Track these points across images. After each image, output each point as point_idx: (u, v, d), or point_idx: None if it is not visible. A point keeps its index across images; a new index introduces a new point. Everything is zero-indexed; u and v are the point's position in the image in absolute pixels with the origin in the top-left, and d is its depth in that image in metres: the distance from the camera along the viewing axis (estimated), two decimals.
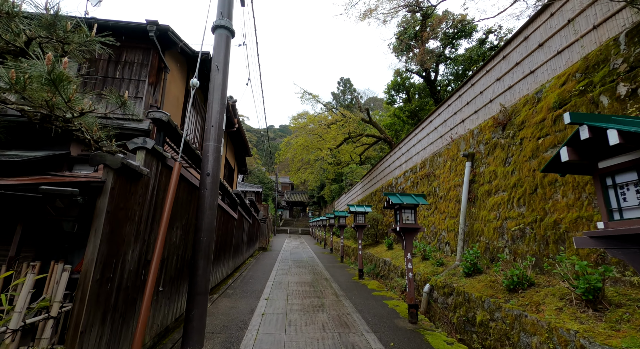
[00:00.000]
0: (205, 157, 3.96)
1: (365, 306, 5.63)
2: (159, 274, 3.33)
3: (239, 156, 13.92)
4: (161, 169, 3.19)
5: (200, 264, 3.64)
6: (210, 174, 3.91)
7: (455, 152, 7.38)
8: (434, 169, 8.52)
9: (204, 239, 3.71)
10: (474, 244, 5.81)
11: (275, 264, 11.01)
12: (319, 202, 40.41)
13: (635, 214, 1.61)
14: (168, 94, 5.86)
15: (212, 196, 3.87)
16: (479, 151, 6.26)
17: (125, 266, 2.56)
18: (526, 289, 3.74)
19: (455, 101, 8.04)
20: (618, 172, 1.68)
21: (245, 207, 9.93)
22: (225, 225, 6.80)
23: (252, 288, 6.76)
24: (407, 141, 11.53)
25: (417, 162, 10.09)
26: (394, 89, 17.07)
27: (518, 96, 5.54)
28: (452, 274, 5.33)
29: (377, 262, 9.48)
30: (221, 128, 4.14)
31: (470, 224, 6.11)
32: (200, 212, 3.77)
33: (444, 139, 8.46)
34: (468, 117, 7.28)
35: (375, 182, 15.63)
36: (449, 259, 6.45)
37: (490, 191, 5.62)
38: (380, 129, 15.19)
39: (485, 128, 6.18)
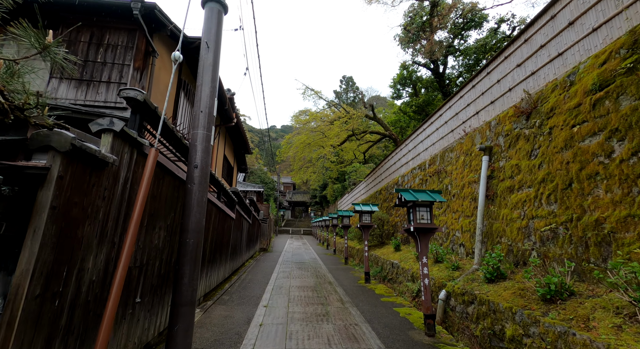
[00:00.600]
0: (192, 146, 3.44)
1: (374, 314, 5.10)
2: (137, 283, 2.82)
3: (238, 154, 13.43)
4: (137, 159, 2.68)
5: (186, 271, 3.13)
6: (198, 166, 3.39)
7: (469, 147, 6.84)
8: (445, 166, 7.98)
9: (191, 241, 3.20)
10: (494, 246, 5.27)
11: (276, 266, 10.50)
12: (321, 203, 39.90)
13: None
14: (158, 82, 5.36)
15: (200, 192, 3.36)
16: (498, 143, 5.72)
17: (85, 276, 2.05)
18: (566, 300, 3.20)
19: (468, 92, 7.51)
20: None
21: (244, 207, 9.43)
22: (220, 225, 6.30)
23: (250, 293, 6.25)
24: (414, 137, 10.99)
25: (426, 158, 9.55)
26: (399, 83, 16.45)
27: (543, 81, 5.00)
28: (471, 280, 4.79)
29: (383, 264, 8.95)
30: (212, 114, 3.62)
31: (489, 224, 5.57)
32: (186, 210, 3.26)
33: (455, 133, 7.92)
34: (483, 109, 6.74)
35: (379, 181, 15.09)
36: (464, 262, 5.91)
37: (512, 187, 5.08)
38: (385, 126, 14.64)
39: (505, 119, 5.64)
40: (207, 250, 5.34)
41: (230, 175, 12.73)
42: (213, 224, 5.64)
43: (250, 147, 13.01)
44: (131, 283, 2.71)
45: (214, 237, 5.77)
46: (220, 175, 10.78)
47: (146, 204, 2.91)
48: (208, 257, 5.47)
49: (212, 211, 5.44)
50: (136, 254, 2.76)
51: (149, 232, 3.02)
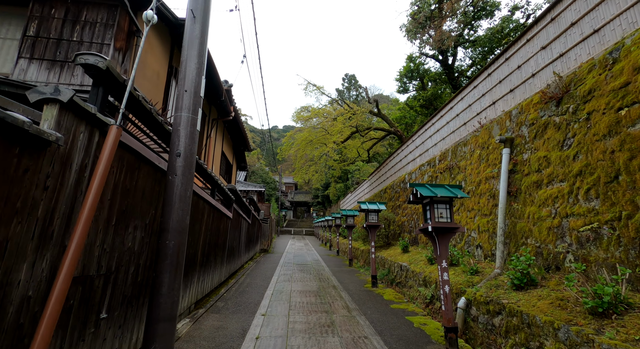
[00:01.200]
0: (175, 131, 2.93)
1: (385, 324, 4.56)
2: (102, 295, 2.30)
3: (237, 151, 12.93)
4: (100, 141, 2.16)
5: (165, 278, 2.61)
6: (181, 154, 2.88)
7: (486, 139, 6.29)
8: (457, 161, 7.43)
9: (171, 243, 2.68)
10: (520, 247, 4.72)
11: (276, 268, 9.97)
12: (324, 202, 39.36)
13: None
14: (145, 68, 4.85)
15: (184, 184, 2.84)
16: (521, 134, 5.17)
17: (12, 293, 1.53)
18: (622, 315, 2.66)
19: (482, 82, 6.96)
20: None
21: (242, 206, 8.91)
22: (215, 225, 5.78)
23: (247, 299, 5.72)
24: (422, 132, 10.44)
25: (436, 154, 9.00)
26: (406, 76, 15.79)
27: (574, 63, 4.45)
28: (494, 286, 4.24)
29: (391, 267, 8.41)
30: (198, 95, 3.10)
31: (511, 223, 5.01)
32: (167, 206, 2.74)
33: (469, 126, 7.37)
34: (501, 98, 6.19)
35: (384, 179, 14.54)
36: (483, 265, 5.36)
37: (539, 181, 4.53)
38: (390, 122, 14.06)
39: (529, 107, 5.09)
40: (199, 252, 4.83)
41: (229, 173, 12.23)
42: (206, 224, 5.12)
43: (249, 144, 12.50)
44: (93, 295, 2.19)
45: (207, 238, 5.26)
46: (218, 172, 10.28)
47: (115, 198, 2.39)
48: (200, 261, 4.95)
49: (204, 209, 4.93)
50: (100, 259, 2.24)
51: (119, 233, 2.50)
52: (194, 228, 4.47)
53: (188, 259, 4.32)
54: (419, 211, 9.44)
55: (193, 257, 4.55)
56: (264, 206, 17.79)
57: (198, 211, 4.61)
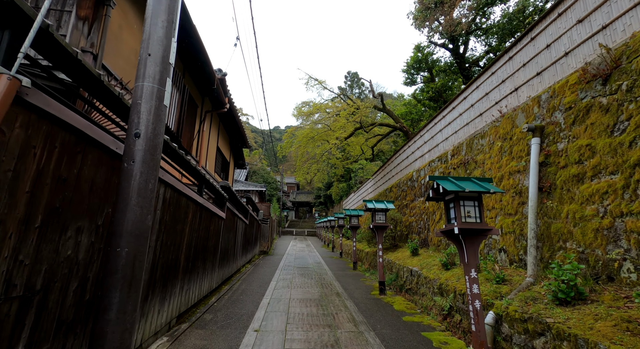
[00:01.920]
0: (134, 106, 2.27)
1: (399, 343, 3.88)
2: (16, 324, 1.64)
3: (234, 147, 12.28)
4: None
5: (114, 299, 1.95)
6: (141, 134, 2.21)
7: (508, 129, 5.60)
8: (473, 155, 6.74)
9: (124, 251, 2.02)
10: (555, 252, 4.03)
11: (276, 272, 9.31)
12: (326, 203, 38.70)
13: None
14: (119, 44, 4.20)
15: (145, 174, 2.18)
16: (554, 121, 4.48)
17: None
18: None
19: (502, 67, 6.27)
20: None
21: (238, 205, 8.26)
22: (204, 226, 5.13)
23: (240, 310, 5.06)
24: (431, 127, 9.76)
25: (447, 149, 8.31)
26: (413, 67, 14.96)
27: (623, 35, 3.76)
28: (530, 299, 3.56)
29: (399, 271, 7.72)
30: (167, 62, 2.44)
31: (543, 223, 4.33)
32: (119, 203, 2.08)
33: (486, 117, 6.69)
34: (525, 83, 5.50)
35: (390, 177, 13.86)
36: (510, 272, 4.67)
37: (581, 174, 3.83)
38: (395, 118, 13.34)
39: (564, 89, 4.39)
40: (181, 257, 4.17)
41: (225, 170, 11.58)
42: (191, 225, 4.46)
43: (247, 140, 11.84)
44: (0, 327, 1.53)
45: (193, 240, 4.60)
46: (213, 169, 9.63)
47: (39, 191, 1.74)
48: (184, 267, 4.30)
49: (188, 208, 4.27)
50: (11, 276, 1.59)
51: (50, 238, 1.84)
52: (174, 229, 3.81)
53: (167, 266, 3.67)
54: (429, 211, 8.76)
55: (173, 263, 3.89)
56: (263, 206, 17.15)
57: (180, 210, 3.96)
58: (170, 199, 3.64)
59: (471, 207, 3.23)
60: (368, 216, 14.47)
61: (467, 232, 3.16)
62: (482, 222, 3.17)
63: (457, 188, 3.12)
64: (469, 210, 3.22)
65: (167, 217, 3.58)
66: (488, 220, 5.77)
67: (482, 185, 3.22)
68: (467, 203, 3.23)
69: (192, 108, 7.46)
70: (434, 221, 8.33)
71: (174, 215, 3.78)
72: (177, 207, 3.85)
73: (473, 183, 3.29)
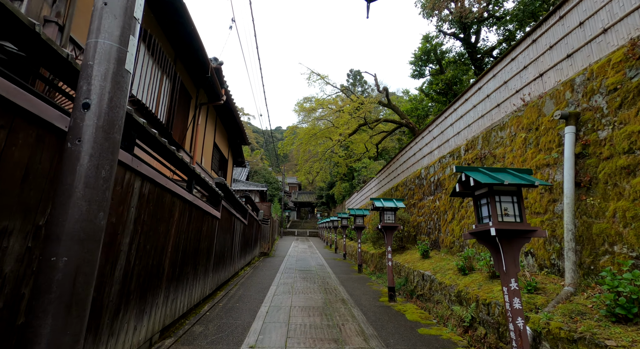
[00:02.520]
0: (84, 69, 1.73)
1: None
2: None
3: (233, 144, 11.75)
4: None
5: (44, 329, 1.41)
6: (93, 106, 1.67)
7: (533, 119, 5.04)
8: (491, 149, 6.17)
9: (62, 262, 1.48)
10: (599, 257, 3.46)
11: (276, 275, 8.77)
12: (328, 203, 38.14)
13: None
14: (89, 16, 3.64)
15: (97, 158, 1.64)
16: (593, 106, 3.91)
17: None
18: None
19: (524, 52, 5.72)
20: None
21: (236, 204, 7.72)
22: (194, 227, 4.59)
23: (235, 321, 4.52)
24: (440, 121, 9.20)
25: (460, 143, 7.75)
26: (421, 58, 14.24)
27: None
28: (576, 313, 2.99)
29: (408, 275, 7.17)
30: (130, 14, 1.90)
31: (582, 224, 3.76)
32: (60, 196, 1.55)
33: (505, 107, 6.13)
34: (553, 67, 4.94)
35: (395, 176, 13.30)
36: (540, 278, 4.10)
37: (632, 166, 3.27)
38: (401, 113, 12.76)
39: (605, 69, 3.83)
40: (166, 263, 3.63)
41: (223, 168, 11.05)
42: (178, 226, 3.93)
43: (247, 136, 11.31)
44: None
45: (180, 243, 4.06)
46: (210, 167, 9.11)
47: None
48: (169, 274, 3.76)
49: (174, 206, 3.74)
50: None
51: None
52: (155, 230, 3.28)
53: (146, 274, 3.14)
54: (439, 210, 8.20)
55: (155, 270, 3.36)
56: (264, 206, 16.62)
57: (163, 208, 3.42)
58: (150, 195, 3.10)
59: (509, 203, 2.67)
60: (372, 216, 13.91)
61: (506, 234, 2.60)
62: (523, 222, 2.61)
63: (493, 180, 2.56)
64: (506, 207, 2.66)
65: (146, 216, 3.04)
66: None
67: (522, 177, 2.67)
68: (504, 199, 2.67)
69: (185, 99, 6.93)
70: (446, 221, 7.77)
71: (155, 214, 3.24)
72: (159, 204, 3.32)
73: (510, 175, 2.73)
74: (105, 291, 2.43)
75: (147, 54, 4.92)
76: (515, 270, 2.56)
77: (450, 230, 7.40)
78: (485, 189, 2.75)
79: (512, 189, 2.69)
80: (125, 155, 2.56)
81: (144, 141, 3.06)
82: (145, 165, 2.92)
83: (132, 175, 2.71)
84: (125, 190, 2.62)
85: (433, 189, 8.83)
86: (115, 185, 2.47)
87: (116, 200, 2.49)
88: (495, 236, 2.57)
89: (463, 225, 6.78)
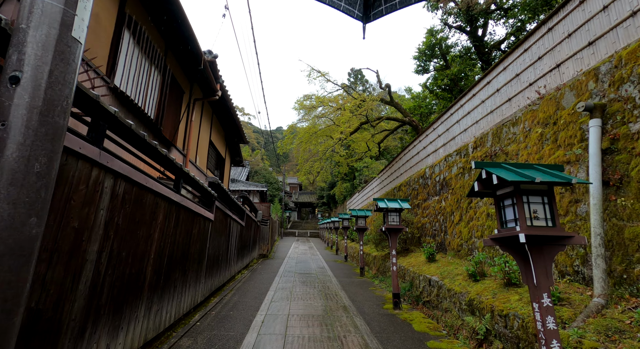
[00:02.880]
0: (16, 34, 1.36)
1: None
2: None
3: (230, 142, 11.39)
4: None
5: None
6: (23, 80, 1.30)
7: (551, 113, 4.66)
8: (502, 146, 5.79)
9: None
10: (633, 264, 3.08)
11: (274, 279, 8.40)
12: (329, 203, 37.76)
13: None
14: None
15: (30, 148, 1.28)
16: (623, 96, 3.53)
17: None
18: None
19: (538, 41, 5.35)
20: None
21: (232, 205, 7.36)
22: (184, 229, 4.23)
23: (227, 332, 4.15)
24: (446, 118, 8.83)
25: (467, 141, 7.37)
26: (426, 53, 13.75)
27: None
28: (613, 331, 2.61)
29: (414, 279, 6.79)
30: None
31: (611, 227, 3.38)
32: None
33: (517, 102, 5.76)
34: (572, 56, 4.57)
35: (398, 175, 12.93)
36: (562, 287, 3.72)
37: None
38: (404, 111, 12.39)
39: (637, 54, 3.45)
40: (148, 271, 3.27)
41: (220, 168, 10.69)
42: (163, 229, 3.56)
43: (244, 134, 10.94)
44: None
45: (166, 248, 3.70)
46: (205, 166, 8.74)
47: None
48: (152, 282, 3.40)
49: (158, 207, 3.37)
50: None
51: None
52: (134, 235, 2.91)
53: (122, 284, 2.77)
54: (445, 211, 7.82)
55: (134, 278, 2.99)
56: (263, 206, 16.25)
57: (143, 210, 3.05)
58: (126, 195, 2.74)
59: (538, 204, 2.30)
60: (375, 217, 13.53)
61: (537, 241, 2.22)
62: (556, 227, 2.23)
63: (521, 178, 2.18)
64: (535, 209, 2.28)
65: (121, 219, 2.67)
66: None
67: (554, 174, 2.29)
68: (532, 199, 2.29)
69: (177, 93, 6.56)
70: (452, 223, 7.38)
71: (133, 216, 2.87)
72: (138, 206, 2.95)
73: (539, 171, 2.35)
74: (65, 309, 2.07)
75: (132, 43, 4.55)
76: (547, 283, 2.18)
77: (457, 232, 7.02)
78: (510, 188, 2.37)
79: (542, 188, 2.31)
80: (91, 149, 2.20)
81: (119, 134, 2.69)
82: (119, 161, 2.56)
83: (100, 172, 2.35)
84: (91, 189, 2.25)
85: (438, 189, 8.45)
86: (77, 184, 2.11)
87: (78, 201, 2.13)
88: (524, 244, 2.19)
89: (472, 227, 6.40)
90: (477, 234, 6.18)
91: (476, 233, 6.20)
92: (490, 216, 5.76)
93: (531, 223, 2.24)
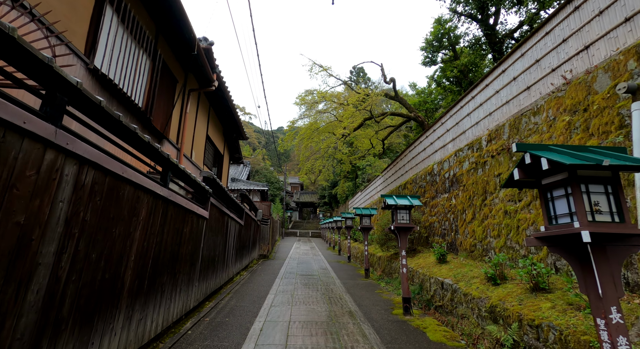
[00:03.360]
0: None
1: None
2: None
3: (229, 138, 10.95)
4: None
5: None
6: None
7: (581, 99, 4.20)
8: (522, 137, 5.34)
9: None
10: None
11: (275, 281, 7.96)
12: (331, 203, 37.31)
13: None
14: None
15: None
16: None
17: None
18: None
19: (562, 23, 4.91)
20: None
21: (230, 203, 6.92)
22: (173, 227, 3.79)
23: (220, 343, 3.72)
24: (455, 111, 8.38)
25: (479, 134, 6.92)
26: (433, 44, 13.14)
27: None
28: None
29: (423, 282, 6.34)
30: None
31: None
32: None
33: (537, 90, 5.31)
34: (603, 36, 4.13)
35: (403, 173, 12.48)
36: None
37: None
38: (409, 106, 11.91)
39: None
40: (127, 276, 2.83)
41: (218, 164, 10.26)
42: (146, 227, 3.13)
43: (243, 129, 10.51)
44: None
45: (150, 249, 3.26)
46: (202, 162, 8.30)
47: None
48: (131, 289, 2.96)
49: (138, 203, 2.94)
50: None
51: None
52: (107, 233, 2.48)
53: (92, 292, 2.34)
54: (456, 209, 7.37)
55: (108, 285, 2.56)
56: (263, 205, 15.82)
57: (120, 204, 2.62)
58: (97, 186, 2.30)
59: (601, 195, 1.85)
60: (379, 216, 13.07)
61: (601, 240, 1.77)
62: (626, 223, 1.79)
63: (580, 161, 1.74)
64: (597, 200, 1.84)
65: (89, 214, 2.24)
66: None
67: (620, 156, 1.84)
68: (593, 189, 1.85)
69: (169, 81, 6.12)
70: (464, 222, 6.93)
71: (106, 212, 2.44)
72: (112, 199, 2.51)
73: (599, 154, 1.90)
74: (6, 326, 1.63)
75: (117, 21, 4.11)
76: (616, 294, 1.73)
77: (470, 231, 6.57)
78: (562, 176, 1.92)
79: (605, 174, 1.86)
80: (43, 125, 1.76)
81: (88, 113, 2.26)
82: (84, 144, 2.12)
83: (59, 156, 1.91)
84: (45, 176, 1.82)
85: (448, 185, 8.00)
86: (22, 168, 1.67)
87: (25, 191, 1.69)
88: (587, 244, 1.74)
89: (487, 226, 5.94)
90: (493, 234, 5.73)
91: (492, 232, 5.75)
92: (509, 214, 5.31)
93: (592, 218, 1.80)
